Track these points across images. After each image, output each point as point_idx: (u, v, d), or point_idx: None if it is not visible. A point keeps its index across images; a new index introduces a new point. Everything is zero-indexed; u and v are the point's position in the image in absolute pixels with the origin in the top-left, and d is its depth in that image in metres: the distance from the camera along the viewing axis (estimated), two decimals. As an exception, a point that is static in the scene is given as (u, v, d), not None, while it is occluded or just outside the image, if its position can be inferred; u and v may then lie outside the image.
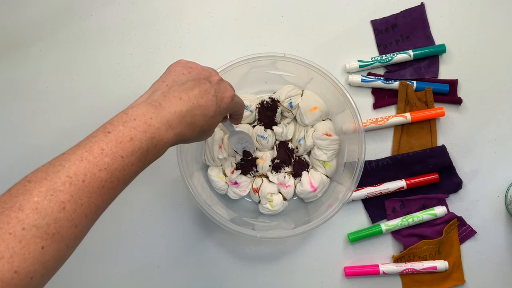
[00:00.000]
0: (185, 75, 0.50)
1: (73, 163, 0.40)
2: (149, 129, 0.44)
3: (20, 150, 0.72)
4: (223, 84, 0.52)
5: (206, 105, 0.49)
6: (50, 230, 0.37)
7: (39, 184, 0.38)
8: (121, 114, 0.45)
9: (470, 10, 0.73)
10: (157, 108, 0.46)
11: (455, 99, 0.71)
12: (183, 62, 0.51)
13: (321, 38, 0.73)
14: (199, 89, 0.49)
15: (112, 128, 0.43)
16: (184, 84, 0.49)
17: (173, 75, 0.50)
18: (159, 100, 0.47)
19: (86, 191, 0.39)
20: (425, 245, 0.70)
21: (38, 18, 0.73)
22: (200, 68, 0.51)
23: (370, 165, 0.71)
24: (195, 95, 0.48)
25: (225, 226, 0.62)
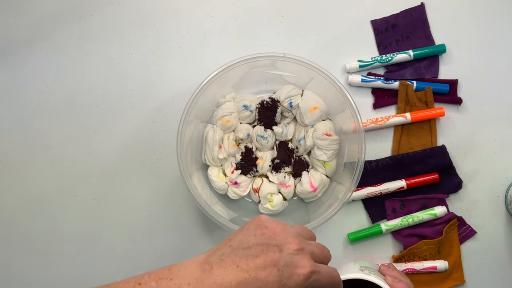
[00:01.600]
0: (256, 236, 0.42)
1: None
2: (206, 281, 0.39)
3: (19, 150, 0.72)
4: (300, 256, 0.41)
5: (266, 280, 0.40)
6: None
7: None
8: (165, 268, 0.40)
9: (470, 10, 0.73)
10: (205, 272, 0.40)
11: (455, 99, 0.71)
12: (263, 219, 0.43)
13: (321, 38, 0.73)
14: (264, 258, 0.40)
15: (145, 281, 0.39)
16: (249, 249, 0.41)
17: (243, 234, 0.42)
18: (213, 263, 0.41)
19: None
20: (425, 245, 0.70)
21: (38, 18, 0.73)
22: (278, 229, 0.42)
23: (370, 165, 0.71)
24: (256, 265, 0.40)
25: (225, 226, 0.62)
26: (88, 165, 0.72)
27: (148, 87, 0.72)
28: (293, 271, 0.41)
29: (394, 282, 0.58)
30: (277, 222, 0.43)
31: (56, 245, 0.71)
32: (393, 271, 0.62)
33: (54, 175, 0.72)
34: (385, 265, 0.64)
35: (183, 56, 0.73)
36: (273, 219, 0.43)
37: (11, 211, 0.72)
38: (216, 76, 0.63)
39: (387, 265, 0.64)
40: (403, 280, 0.59)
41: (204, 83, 0.63)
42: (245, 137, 0.68)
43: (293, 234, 0.42)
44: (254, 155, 0.69)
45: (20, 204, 0.72)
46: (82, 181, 0.72)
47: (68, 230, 0.71)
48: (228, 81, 0.67)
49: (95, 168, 0.72)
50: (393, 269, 0.62)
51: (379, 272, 0.62)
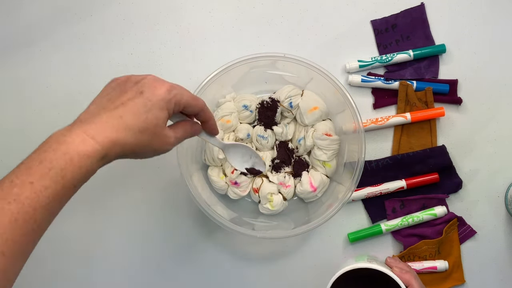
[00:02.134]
0: (112, 88, 0.47)
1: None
2: (60, 146, 0.40)
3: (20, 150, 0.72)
4: (153, 79, 0.47)
5: (133, 102, 0.44)
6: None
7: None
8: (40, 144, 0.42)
9: (470, 10, 0.73)
10: (73, 124, 0.43)
11: (455, 99, 0.71)
12: (114, 79, 0.49)
13: (321, 38, 0.73)
14: (119, 90, 0.46)
15: (26, 159, 0.41)
16: (108, 95, 0.46)
17: (100, 93, 0.48)
18: (79, 118, 0.44)
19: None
20: (425, 245, 0.70)
21: (38, 18, 0.73)
22: (124, 77, 0.48)
23: (370, 165, 0.71)
24: (116, 96, 0.45)
25: (225, 226, 0.62)
26: (88, 165, 0.71)
27: (148, 87, 0.72)
28: (152, 87, 0.45)
29: (401, 273, 0.60)
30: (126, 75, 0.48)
31: (56, 245, 0.71)
32: (399, 263, 0.64)
33: (54, 175, 0.72)
34: (391, 258, 0.66)
35: (183, 56, 0.73)
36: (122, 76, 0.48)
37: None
38: (216, 76, 0.63)
39: (393, 258, 0.66)
40: (409, 271, 0.61)
41: (204, 83, 0.63)
42: (245, 137, 0.68)
43: (137, 75, 0.47)
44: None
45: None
46: (82, 181, 0.72)
47: (68, 230, 0.71)
48: (228, 81, 0.67)
49: (95, 168, 0.72)
50: (400, 261, 0.64)
51: (386, 264, 0.63)
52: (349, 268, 0.59)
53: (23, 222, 0.38)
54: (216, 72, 0.63)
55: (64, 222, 0.72)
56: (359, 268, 0.59)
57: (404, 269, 0.61)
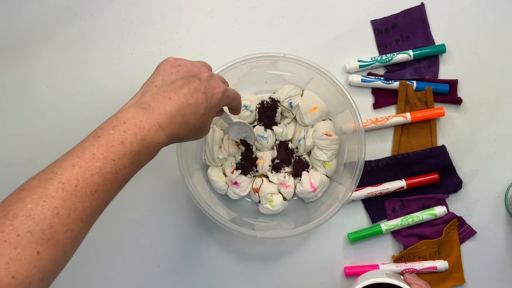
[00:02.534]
0: (174, 74, 0.50)
1: (65, 169, 0.40)
2: (140, 131, 0.44)
3: (20, 150, 0.72)
4: (213, 80, 0.52)
5: (196, 103, 0.49)
6: (45, 236, 0.37)
7: (32, 191, 0.39)
8: (111, 118, 0.45)
9: (470, 10, 0.73)
10: (146, 109, 0.46)
11: (455, 99, 0.71)
12: (172, 60, 0.51)
13: (321, 38, 0.73)
14: (188, 88, 0.49)
15: (103, 133, 0.43)
16: (173, 84, 0.49)
17: (161, 75, 0.50)
18: (148, 102, 0.47)
19: (79, 195, 0.40)
20: (425, 245, 0.70)
21: (38, 18, 0.73)
22: (189, 65, 0.51)
23: (370, 165, 0.71)
24: (184, 94, 0.48)
25: (225, 226, 0.62)
26: (88, 165, 0.71)
27: (148, 87, 0.72)
28: (213, 91, 0.51)
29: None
30: (184, 59, 0.52)
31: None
32: (418, 280, 0.63)
33: (54, 175, 0.72)
34: (410, 274, 0.65)
35: (183, 56, 0.72)
36: (178, 57, 0.52)
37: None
38: (216, 76, 0.63)
39: (412, 274, 0.65)
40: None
41: (204, 83, 0.63)
42: (245, 137, 0.68)
43: (201, 64, 0.53)
44: (254, 155, 0.69)
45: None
46: (82, 181, 0.72)
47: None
48: (228, 81, 0.66)
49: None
50: (418, 278, 0.64)
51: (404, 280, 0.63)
52: (369, 282, 0.60)
53: (101, 193, 0.42)
54: (216, 72, 0.63)
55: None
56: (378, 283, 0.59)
57: (423, 287, 0.61)
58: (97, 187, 0.41)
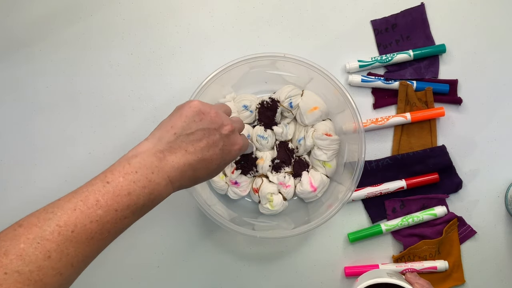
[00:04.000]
0: (196, 122, 0.47)
1: (65, 212, 0.40)
2: (149, 184, 0.44)
3: (19, 150, 0.72)
4: (233, 136, 0.50)
5: (211, 159, 0.48)
6: (33, 277, 0.37)
7: (28, 230, 0.39)
8: (124, 163, 0.44)
9: (470, 10, 0.73)
10: (161, 160, 0.45)
11: (455, 99, 0.71)
12: (197, 106, 0.48)
13: (321, 38, 0.73)
14: (207, 141, 0.48)
15: (112, 179, 0.43)
16: (193, 134, 0.47)
17: (183, 121, 0.47)
18: (164, 152, 0.46)
19: (74, 241, 0.39)
20: (425, 245, 0.70)
21: (38, 18, 0.73)
22: (213, 115, 0.48)
23: (370, 165, 0.71)
24: (201, 147, 0.47)
25: (225, 226, 0.62)
26: (88, 165, 0.71)
27: (148, 87, 0.72)
28: (230, 148, 0.50)
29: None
30: (209, 106, 0.49)
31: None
32: (419, 279, 0.63)
33: (54, 175, 0.72)
34: (411, 273, 0.65)
35: (183, 56, 0.73)
36: (204, 103, 0.49)
37: (10, 211, 0.72)
38: (216, 76, 0.63)
39: (413, 274, 0.65)
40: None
41: (204, 83, 0.63)
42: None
43: (223, 117, 0.50)
44: (254, 155, 0.69)
45: (19, 204, 0.72)
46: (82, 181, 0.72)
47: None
48: (228, 81, 0.67)
49: (95, 168, 0.72)
50: (419, 277, 0.64)
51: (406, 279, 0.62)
52: (370, 282, 0.59)
53: (97, 241, 0.41)
54: (216, 72, 0.63)
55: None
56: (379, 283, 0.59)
57: (425, 286, 0.61)
58: (93, 234, 0.40)
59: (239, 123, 0.53)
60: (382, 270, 0.67)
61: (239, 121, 0.54)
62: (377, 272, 0.66)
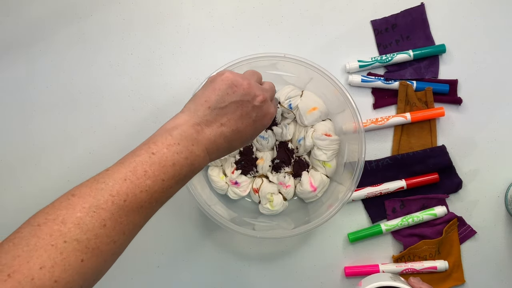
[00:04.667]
0: (229, 95, 0.48)
1: (117, 182, 0.42)
2: (190, 155, 0.46)
3: (19, 150, 0.72)
4: (266, 105, 0.51)
5: (245, 130, 0.50)
6: (90, 245, 0.39)
7: (83, 199, 0.40)
8: (165, 135, 0.45)
9: (470, 10, 0.73)
10: (199, 133, 0.47)
11: (455, 99, 0.71)
12: (230, 78, 0.49)
13: (321, 38, 0.73)
14: (240, 113, 0.49)
15: (157, 150, 0.44)
16: (226, 107, 0.48)
17: (216, 94, 0.48)
18: (201, 124, 0.48)
19: (126, 210, 0.41)
20: (425, 245, 0.70)
21: (38, 18, 0.73)
22: (246, 86, 0.49)
23: (370, 165, 0.71)
24: (235, 119, 0.49)
25: (225, 226, 0.62)
26: (88, 165, 0.71)
27: (148, 87, 0.72)
28: (262, 119, 0.51)
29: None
30: (241, 76, 0.50)
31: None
32: (423, 284, 0.62)
33: (54, 175, 0.72)
34: (415, 278, 0.64)
35: (183, 56, 0.73)
36: (236, 74, 0.50)
37: (10, 211, 0.72)
38: (216, 76, 0.63)
39: (417, 278, 0.64)
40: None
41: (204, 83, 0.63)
42: (245, 137, 0.68)
43: (256, 87, 0.50)
44: (254, 155, 0.69)
45: (19, 204, 0.72)
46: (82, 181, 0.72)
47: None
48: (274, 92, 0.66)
49: (95, 168, 0.72)
50: (422, 282, 0.63)
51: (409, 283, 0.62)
52: (373, 286, 0.59)
53: (145, 209, 0.43)
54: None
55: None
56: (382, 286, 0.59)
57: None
58: (143, 203, 0.42)
59: (270, 91, 0.54)
60: (385, 274, 0.66)
61: (271, 89, 0.54)
62: (380, 276, 0.66)
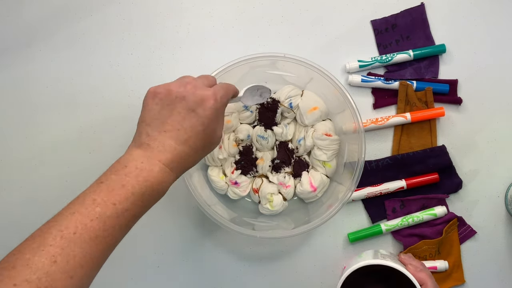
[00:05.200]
0: (157, 104, 0.48)
1: (65, 217, 0.41)
2: (141, 173, 0.44)
3: (19, 150, 0.72)
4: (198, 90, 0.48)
5: (192, 124, 0.47)
6: (42, 284, 0.37)
7: (32, 241, 0.39)
8: (114, 164, 0.45)
9: (470, 10, 0.73)
10: (146, 150, 0.46)
11: (455, 99, 0.71)
12: (151, 91, 0.49)
13: (321, 38, 0.73)
14: (177, 111, 0.47)
15: (105, 178, 0.44)
16: (160, 114, 0.48)
17: (147, 110, 0.49)
18: (146, 141, 0.47)
19: (78, 242, 0.39)
20: (425, 245, 0.70)
21: (38, 18, 0.73)
22: (166, 89, 0.49)
23: (370, 165, 0.71)
24: (176, 120, 0.47)
25: (225, 226, 0.62)
26: (88, 165, 0.71)
27: (148, 87, 0.72)
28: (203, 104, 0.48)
29: (416, 271, 0.58)
30: (162, 85, 0.49)
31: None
32: (413, 260, 0.61)
33: (54, 175, 0.72)
34: (405, 254, 0.63)
35: (183, 56, 0.73)
36: (158, 85, 0.49)
37: (10, 211, 0.72)
38: (216, 76, 0.63)
39: (407, 255, 0.63)
40: (423, 270, 0.59)
41: (204, 83, 0.63)
42: (246, 138, 0.68)
43: (176, 84, 0.49)
44: (254, 155, 0.69)
45: (19, 204, 0.72)
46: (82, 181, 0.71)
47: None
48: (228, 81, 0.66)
49: (95, 168, 0.72)
50: (414, 258, 0.62)
51: (399, 261, 0.61)
52: (363, 264, 0.58)
53: (103, 239, 0.41)
54: (216, 72, 0.63)
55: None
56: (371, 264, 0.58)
57: (419, 267, 0.59)
58: (97, 232, 0.41)
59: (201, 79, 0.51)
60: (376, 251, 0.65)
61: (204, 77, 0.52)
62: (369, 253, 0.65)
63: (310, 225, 0.62)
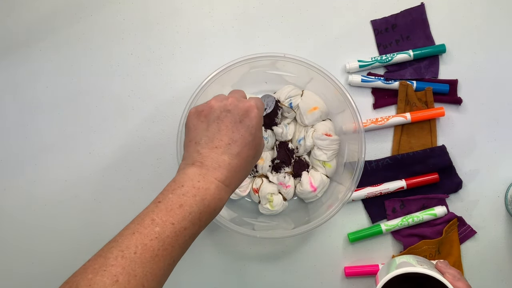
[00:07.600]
0: (203, 122, 0.49)
1: (126, 237, 0.41)
2: (198, 192, 0.45)
3: (19, 150, 0.72)
4: (240, 102, 0.50)
5: (242, 136, 0.48)
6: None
7: (94, 262, 0.40)
8: (171, 183, 0.46)
9: (470, 10, 0.73)
10: (201, 168, 0.46)
11: (455, 99, 0.71)
12: (193, 111, 0.50)
13: (321, 38, 0.73)
14: (225, 126, 0.48)
15: (163, 198, 0.44)
16: (208, 132, 0.48)
17: (194, 129, 0.49)
18: (199, 160, 0.47)
19: (139, 262, 0.40)
20: (425, 245, 0.70)
21: (38, 18, 0.73)
22: (209, 106, 0.49)
23: (370, 165, 0.71)
24: (225, 134, 0.48)
25: (225, 226, 0.62)
26: (88, 165, 0.72)
27: (148, 87, 0.73)
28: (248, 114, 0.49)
29: (454, 280, 0.56)
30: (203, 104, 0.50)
31: (56, 245, 0.71)
32: (450, 268, 0.60)
33: (54, 175, 0.72)
34: (442, 262, 0.62)
35: (183, 56, 0.73)
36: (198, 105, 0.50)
37: (10, 211, 0.72)
38: (216, 76, 0.63)
39: (444, 262, 0.62)
40: (461, 279, 0.57)
41: (204, 83, 0.63)
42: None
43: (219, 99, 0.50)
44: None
45: (20, 204, 0.72)
46: (82, 181, 0.72)
47: (68, 230, 0.71)
48: (228, 81, 0.67)
49: (95, 168, 0.72)
50: (450, 266, 0.61)
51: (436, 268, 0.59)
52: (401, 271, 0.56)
53: (162, 258, 0.42)
54: (216, 72, 0.63)
55: (64, 222, 0.72)
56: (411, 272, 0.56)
57: (457, 276, 0.57)
58: (156, 251, 0.41)
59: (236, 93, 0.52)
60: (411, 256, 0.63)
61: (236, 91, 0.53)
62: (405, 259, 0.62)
63: (310, 225, 0.62)
